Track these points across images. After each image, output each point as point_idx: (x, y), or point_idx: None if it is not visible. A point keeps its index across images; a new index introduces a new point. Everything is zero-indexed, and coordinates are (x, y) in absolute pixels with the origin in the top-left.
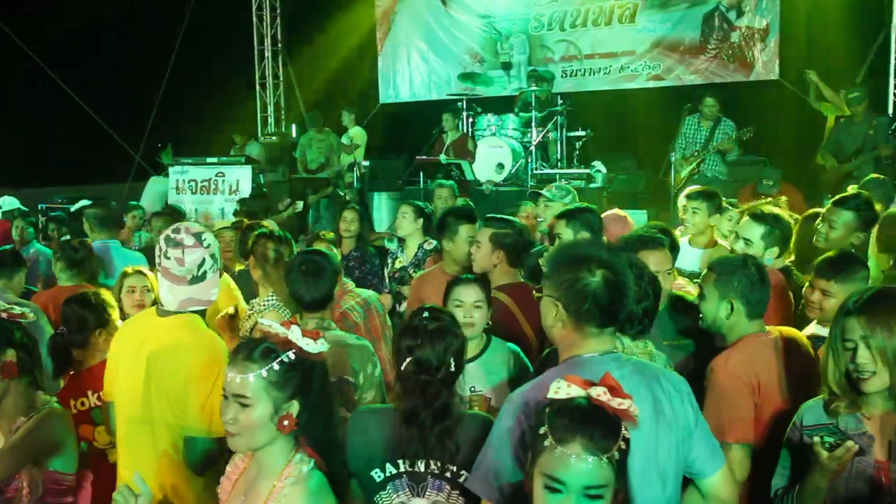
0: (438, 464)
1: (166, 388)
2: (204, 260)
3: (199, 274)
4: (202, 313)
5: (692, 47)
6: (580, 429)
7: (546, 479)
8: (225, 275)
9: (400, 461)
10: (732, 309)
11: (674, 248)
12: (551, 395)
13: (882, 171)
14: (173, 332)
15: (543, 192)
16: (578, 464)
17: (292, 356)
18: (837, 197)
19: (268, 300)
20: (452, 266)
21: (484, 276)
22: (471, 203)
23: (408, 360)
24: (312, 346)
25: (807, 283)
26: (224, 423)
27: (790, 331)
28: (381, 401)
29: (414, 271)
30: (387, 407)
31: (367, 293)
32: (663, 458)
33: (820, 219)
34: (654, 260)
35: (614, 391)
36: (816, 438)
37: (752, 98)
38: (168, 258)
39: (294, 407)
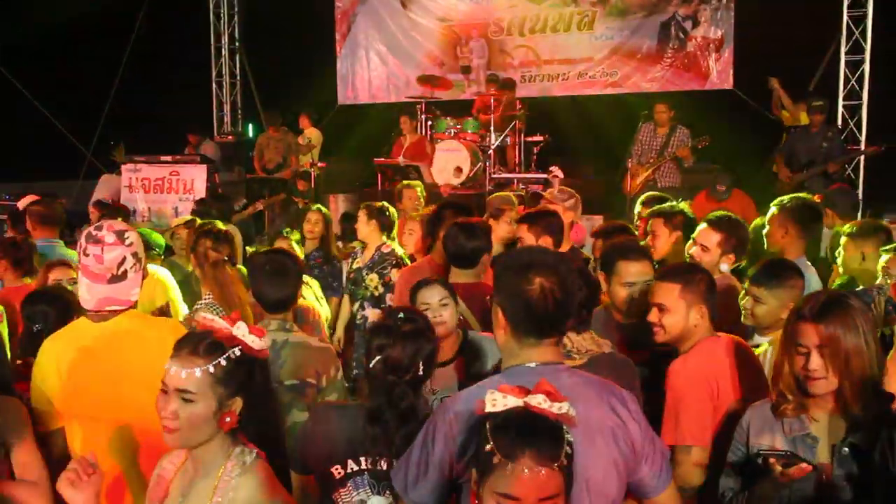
0: None
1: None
2: (125, 258)
3: (119, 273)
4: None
5: (649, 55)
6: (527, 442)
7: (499, 497)
8: (157, 271)
9: (362, 458)
10: (702, 315)
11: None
12: (488, 408)
13: (831, 183)
14: (132, 332)
15: (545, 193)
16: (532, 478)
17: (238, 352)
18: (777, 200)
19: (204, 301)
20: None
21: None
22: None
23: (377, 358)
24: (257, 343)
25: (742, 291)
26: (162, 417)
27: (736, 337)
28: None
29: (367, 273)
30: (351, 403)
31: (306, 303)
32: (599, 477)
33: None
34: (634, 270)
35: (552, 396)
36: (772, 460)
37: (707, 107)
38: (87, 255)
39: (237, 404)
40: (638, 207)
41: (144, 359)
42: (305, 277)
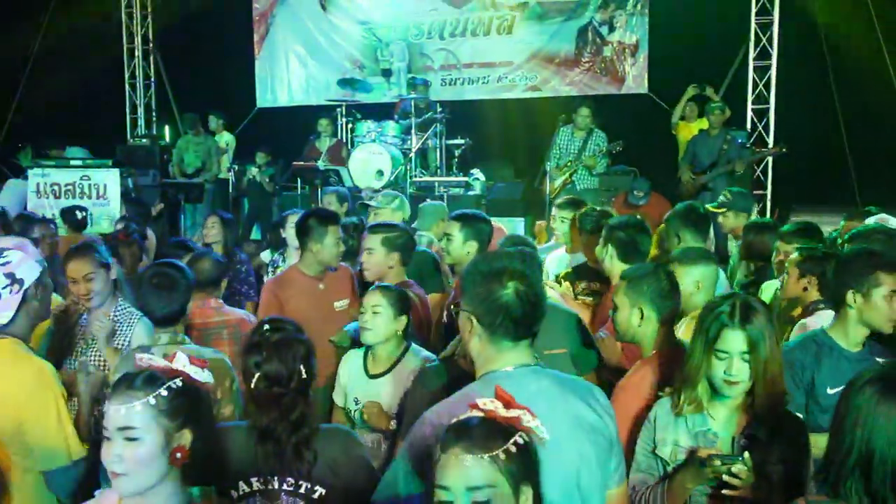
0: (292, 480)
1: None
2: None
3: None
4: (26, 332)
5: (567, 60)
6: (463, 433)
7: (437, 490)
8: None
9: (253, 479)
10: (643, 316)
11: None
12: (453, 422)
13: (737, 182)
14: None
15: (370, 202)
16: (457, 464)
17: (179, 383)
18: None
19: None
20: (315, 267)
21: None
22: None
23: (257, 376)
24: (200, 374)
25: None
26: (107, 464)
27: None
28: (239, 415)
29: None
30: (238, 424)
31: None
32: (585, 473)
33: (665, 231)
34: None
35: (506, 403)
36: (718, 462)
37: (623, 110)
38: None
39: (186, 437)
40: (553, 210)
41: None
42: None
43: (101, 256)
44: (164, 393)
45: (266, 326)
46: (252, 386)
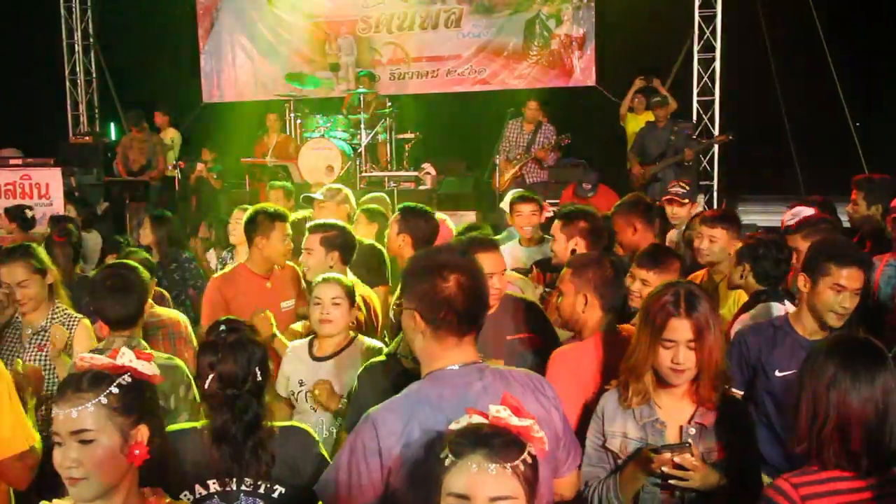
0: (250, 481)
1: None
2: None
3: None
4: None
5: (515, 53)
6: (480, 441)
7: (451, 499)
8: None
9: (210, 482)
10: (587, 303)
11: None
12: (452, 427)
13: (684, 172)
14: None
15: (314, 195)
16: (480, 474)
17: (128, 379)
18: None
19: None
20: (262, 265)
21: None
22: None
23: (211, 376)
24: (147, 367)
25: (628, 274)
26: (63, 470)
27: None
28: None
29: None
30: (193, 426)
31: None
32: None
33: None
34: (488, 262)
35: (516, 411)
36: (668, 455)
37: (571, 103)
38: None
39: (143, 433)
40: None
41: None
42: None
43: (37, 262)
44: (115, 390)
45: (222, 327)
46: (206, 386)
